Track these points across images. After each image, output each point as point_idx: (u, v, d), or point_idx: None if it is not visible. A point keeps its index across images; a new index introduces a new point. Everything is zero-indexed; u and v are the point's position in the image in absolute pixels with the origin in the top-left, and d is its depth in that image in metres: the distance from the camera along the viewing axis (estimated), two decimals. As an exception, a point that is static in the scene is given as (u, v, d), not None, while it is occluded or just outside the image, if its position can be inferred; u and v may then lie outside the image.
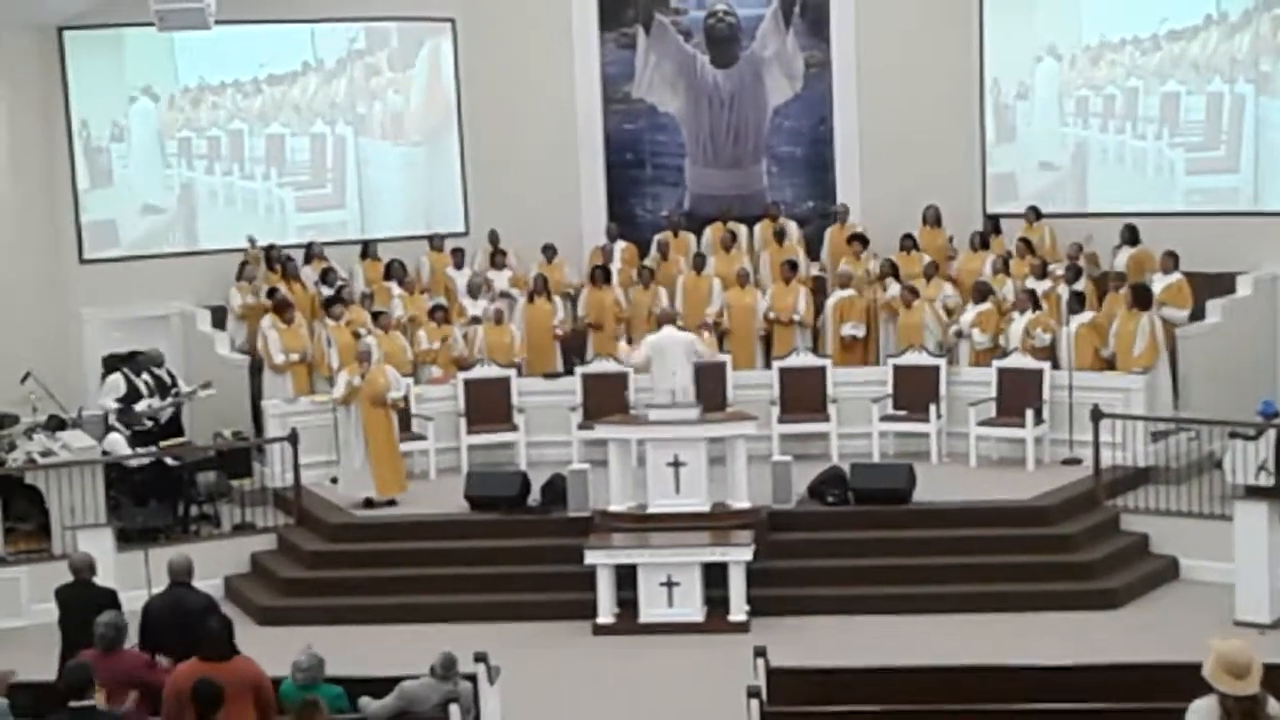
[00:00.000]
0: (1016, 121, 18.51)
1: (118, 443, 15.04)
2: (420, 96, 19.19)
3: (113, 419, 15.47)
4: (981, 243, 17.57)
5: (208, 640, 8.59)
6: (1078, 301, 15.71)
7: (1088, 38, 17.99)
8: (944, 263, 17.41)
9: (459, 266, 18.08)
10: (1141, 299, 15.37)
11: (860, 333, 16.87)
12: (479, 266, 18.20)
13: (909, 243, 17.67)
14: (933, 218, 18.10)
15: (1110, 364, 15.49)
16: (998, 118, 18.55)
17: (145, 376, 16.03)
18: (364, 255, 18.16)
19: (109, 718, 8.09)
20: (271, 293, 16.82)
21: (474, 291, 17.47)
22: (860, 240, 17.77)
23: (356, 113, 18.91)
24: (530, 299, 17.27)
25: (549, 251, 18.08)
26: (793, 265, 17.26)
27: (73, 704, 7.89)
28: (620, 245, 18.44)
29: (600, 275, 17.47)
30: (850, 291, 17.00)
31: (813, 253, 18.41)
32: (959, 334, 16.21)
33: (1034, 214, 17.81)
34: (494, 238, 18.28)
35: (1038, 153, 18.47)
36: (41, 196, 17.29)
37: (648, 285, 17.28)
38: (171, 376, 16.36)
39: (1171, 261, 16.15)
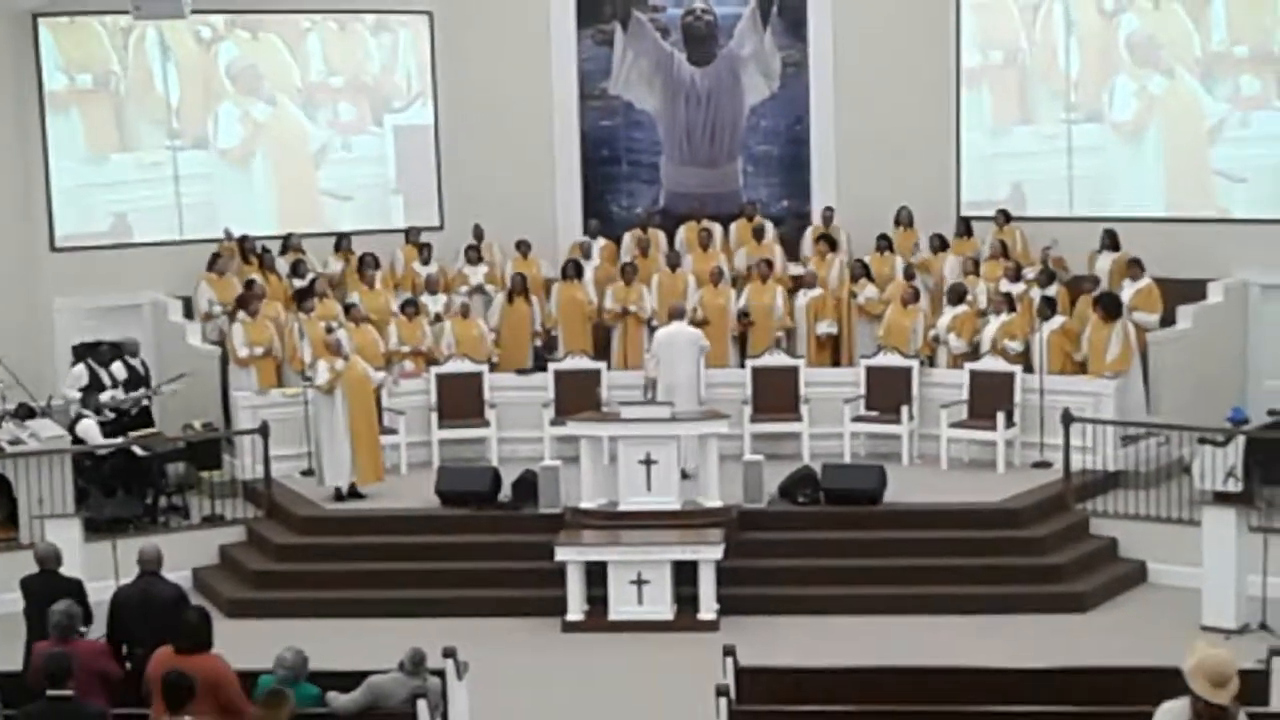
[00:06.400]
0: (993, 123, 18.55)
1: (90, 429, 14.98)
2: (396, 89, 19.14)
3: (75, 409, 15.40)
4: (941, 244, 17.62)
5: (185, 631, 8.53)
6: (1049, 306, 15.76)
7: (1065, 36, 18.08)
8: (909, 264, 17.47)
9: (425, 262, 18.03)
10: (1111, 309, 15.40)
11: (834, 330, 16.94)
12: (460, 262, 18.17)
13: (883, 243, 17.72)
14: (905, 219, 18.14)
15: (1083, 368, 15.54)
16: (974, 119, 18.58)
17: (116, 365, 15.99)
18: (337, 248, 18.11)
19: (86, 708, 8.03)
20: (249, 284, 16.76)
21: (432, 287, 17.42)
22: (827, 241, 17.82)
23: (333, 104, 18.86)
24: (510, 299, 17.21)
25: (523, 247, 18.05)
26: (768, 264, 17.29)
27: (50, 693, 7.84)
28: (600, 242, 18.40)
29: (572, 269, 17.44)
30: (819, 291, 17.06)
31: (790, 252, 18.45)
32: (936, 339, 16.24)
33: (1004, 217, 17.85)
34: (478, 233, 18.22)
35: (1014, 154, 18.49)
36: (13, 184, 17.19)
37: (630, 282, 17.26)
38: (145, 367, 16.31)
39: (1138, 268, 16.23)
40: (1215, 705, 6.41)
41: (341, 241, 18.13)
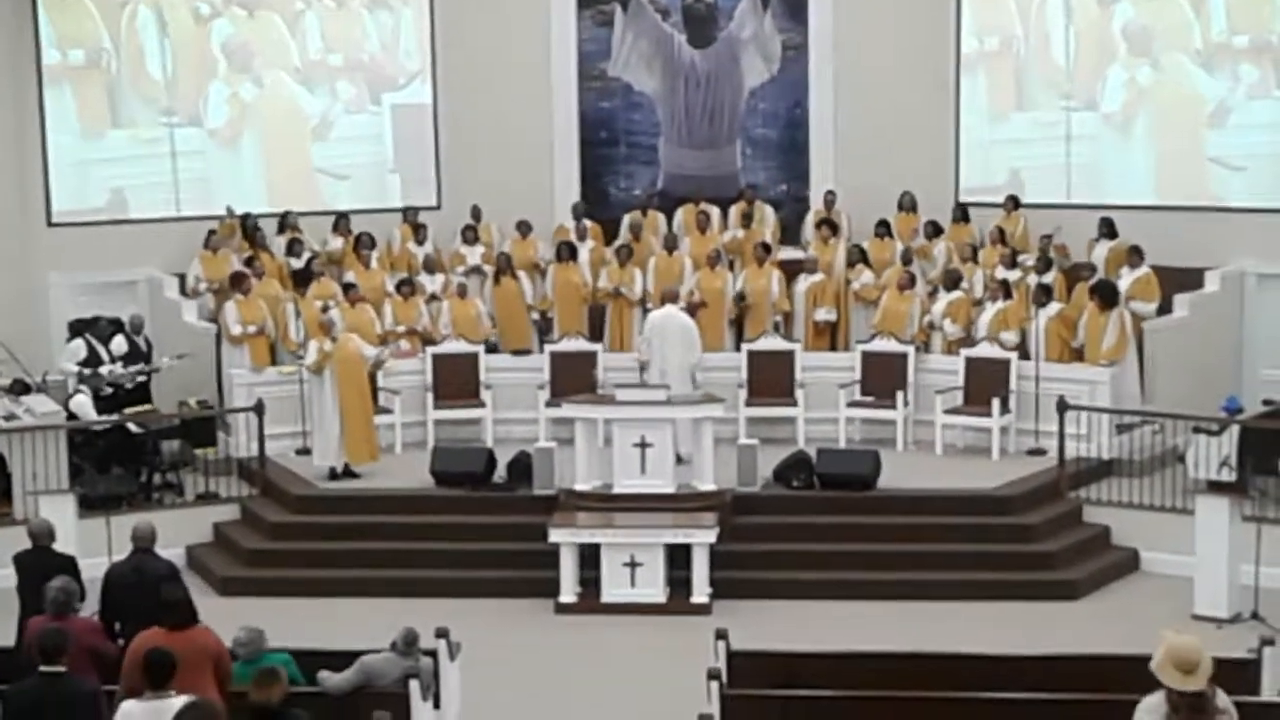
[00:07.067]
0: (989, 109, 18.52)
1: (84, 404, 14.97)
2: (396, 68, 19.10)
3: (73, 383, 15.40)
4: (935, 231, 17.59)
5: (169, 608, 8.54)
6: (1044, 294, 15.74)
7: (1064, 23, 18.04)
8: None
9: (421, 242, 18.00)
10: (1107, 298, 15.40)
11: (833, 317, 16.94)
12: (456, 242, 18.14)
13: (882, 229, 17.70)
14: (908, 204, 18.12)
15: (1081, 355, 15.54)
16: (971, 105, 18.55)
17: (117, 341, 15.99)
18: (335, 227, 18.07)
19: (79, 683, 8.03)
20: (249, 262, 16.74)
21: (429, 267, 17.41)
22: (829, 225, 17.80)
23: (331, 82, 18.82)
24: (496, 279, 17.19)
25: (523, 228, 18.02)
26: (765, 248, 17.27)
27: (44, 669, 7.84)
28: (587, 224, 18.34)
29: (566, 251, 17.40)
30: (820, 276, 17.04)
31: (788, 237, 18.44)
32: (931, 325, 16.23)
33: (1012, 203, 17.81)
34: (475, 213, 18.18)
35: (1012, 141, 18.47)
36: (10, 159, 17.16)
37: (624, 264, 17.23)
38: (148, 343, 16.30)
39: (1137, 256, 16.22)
40: (1189, 693, 6.39)
41: (340, 220, 18.10)
